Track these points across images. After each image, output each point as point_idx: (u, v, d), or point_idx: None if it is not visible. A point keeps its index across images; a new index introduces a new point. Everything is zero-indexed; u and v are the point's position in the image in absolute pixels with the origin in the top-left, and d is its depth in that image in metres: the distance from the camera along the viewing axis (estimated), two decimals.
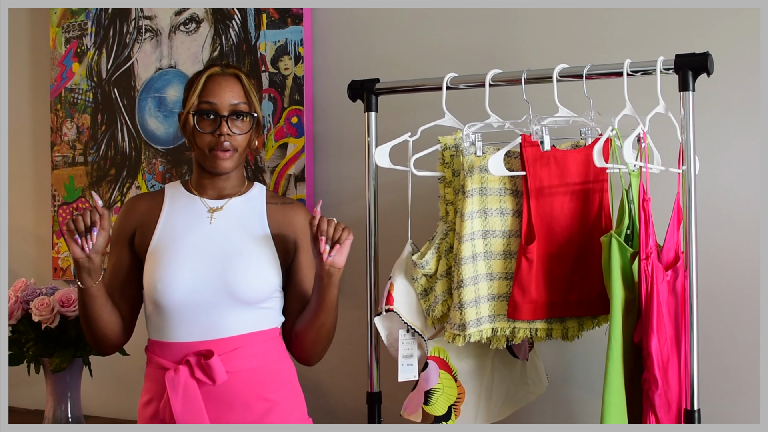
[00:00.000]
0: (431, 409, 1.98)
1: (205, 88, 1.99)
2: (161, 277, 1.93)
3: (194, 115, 1.99)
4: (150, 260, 1.98)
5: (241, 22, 2.76)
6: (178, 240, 1.98)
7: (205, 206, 2.04)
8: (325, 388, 2.45)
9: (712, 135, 2.16)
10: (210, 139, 1.98)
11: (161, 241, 1.99)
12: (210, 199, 2.05)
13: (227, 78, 2.01)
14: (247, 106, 2.01)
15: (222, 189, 2.05)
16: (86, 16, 3.07)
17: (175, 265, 1.94)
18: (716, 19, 2.18)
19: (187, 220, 2.02)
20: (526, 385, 2.18)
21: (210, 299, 1.93)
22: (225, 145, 1.97)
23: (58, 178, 3.12)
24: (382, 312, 2.03)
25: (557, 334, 2.00)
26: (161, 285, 1.93)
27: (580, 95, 1.99)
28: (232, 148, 1.98)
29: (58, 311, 2.49)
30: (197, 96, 1.99)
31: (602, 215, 1.96)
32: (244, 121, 2.00)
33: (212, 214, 2.02)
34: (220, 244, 1.98)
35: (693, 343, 1.81)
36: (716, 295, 2.15)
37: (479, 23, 2.46)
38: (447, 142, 2.03)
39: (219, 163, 1.98)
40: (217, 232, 2.00)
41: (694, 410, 1.82)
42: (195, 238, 1.98)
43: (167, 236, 2.00)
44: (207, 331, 1.93)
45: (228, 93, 1.99)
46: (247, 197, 2.07)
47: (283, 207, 2.08)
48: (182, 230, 2.00)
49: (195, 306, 1.93)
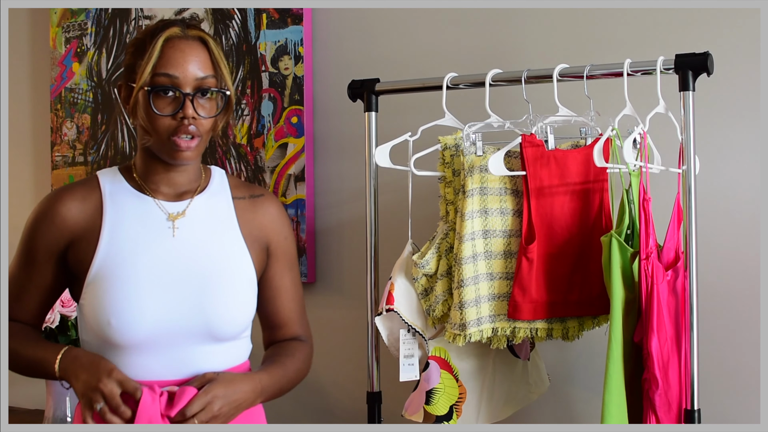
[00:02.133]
0: (433, 409, 1.98)
1: (162, 56, 1.53)
2: (116, 311, 1.53)
3: (149, 92, 1.53)
4: (95, 287, 1.56)
5: (241, 22, 2.76)
6: (133, 259, 1.56)
7: (163, 212, 1.62)
8: (325, 388, 2.45)
9: (712, 135, 2.16)
10: (169, 122, 1.53)
11: (110, 259, 1.57)
12: (166, 200, 1.63)
13: (190, 43, 1.55)
14: (216, 80, 1.57)
15: (179, 185, 1.64)
16: (86, 16, 3.07)
17: (134, 296, 1.54)
18: (716, 19, 2.18)
19: (142, 232, 1.59)
20: (527, 384, 2.18)
21: (179, 337, 1.57)
22: (190, 129, 1.54)
23: (58, 178, 3.12)
24: (382, 312, 2.03)
25: (558, 334, 2.00)
26: (117, 321, 1.52)
27: (580, 95, 1.99)
28: (197, 133, 1.55)
29: (58, 311, 2.49)
30: (152, 66, 1.52)
31: (602, 215, 1.96)
32: (211, 99, 1.58)
33: (173, 223, 1.61)
34: (190, 265, 1.59)
35: (693, 343, 1.81)
36: (716, 295, 2.15)
37: (479, 23, 2.46)
38: (447, 141, 2.03)
39: (180, 154, 1.55)
40: (182, 249, 1.59)
41: (694, 410, 1.82)
42: (155, 256, 1.57)
43: (117, 254, 1.57)
44: (173, 370, 1.58)
45: (193, 63, 1.54)
46: (210, 193, 1.68)
47: (252, 202, 1.71)
48: (137, 245, 1.58)
49: (160, 345, 1.56)
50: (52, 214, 1.61)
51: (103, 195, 1.62)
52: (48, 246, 1.62)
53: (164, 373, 1.58)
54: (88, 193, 1.63)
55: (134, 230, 1.60)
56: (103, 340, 1.57)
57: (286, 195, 2.66)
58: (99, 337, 1.57)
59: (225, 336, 1.62)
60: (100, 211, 1.61)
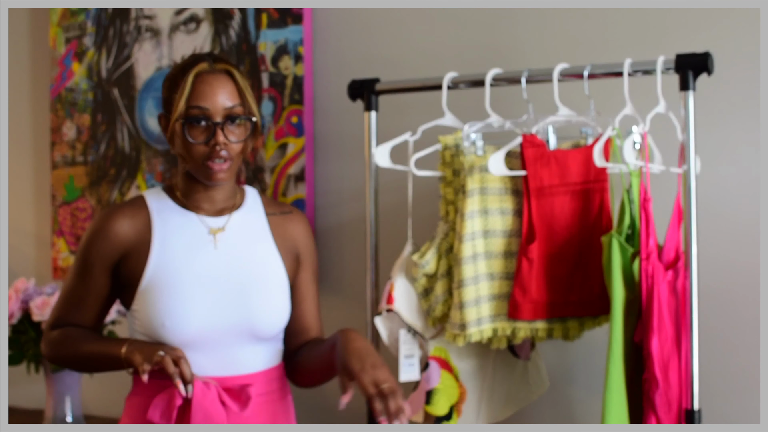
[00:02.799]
0: (433, 409, 1.98)
1: (194, 90, 1.73)
2: (170, 314, 1.72)
3: (183, 123, 1.73)
4: (148, 294, 1.75)
5: (241, 22, 2.76)
6: (181, 269, 1.76)
7: (205, 226, 1.81)
8: (325, 388, 2.43)
9: (713, 135, 2.16)
10: (203, 149, 1.73)
11: (160, 270, 1.76)
12: (207, 215, 1.82)
13: (218, 76, 1.75)
14: (243, 108, 1.76)
15: (218, 201, 1.83)
16: (86, 16, 3.07)
17: (184, 301, 1.73)
18: (716, 19, 2.18)
19: (187, 244, 1.78)
20: (527, 385, 2.18)
21: (224, 337, 1.75)
22: (222, 154, 1.73)
23: (58, 178, 3.12)
24: (382, 312, 2.03)
25: (558, 334, 2.00)
26: (170, 323, 1.72)
27: (580, 95, 1.99)
28: (228, 157, 1.74)
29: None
30: (185, 100, 1.72)
31: (603, 215, 1.96)
32: (240, 126, 1.76)
33: (215, 236, 1.80)
34: (231, 273, 1.78)
35: (693, 343, 1.82)
36: (716, 295, 2.14)
37: (479, 23, 2.45)
38: (447, 141, 2.03)
39: (215, 175, 1.75)
40: (224, 258, 1.79)
41: (694, 410, 1.82)
42: (200, 266, 1.77)
43: (167, 264, 1.77)
44: (218, 367, 1.76)
45: (221, 95, 1.73)
46: (246, 210, 1.86)
47: (283, 218, 1.89)
48: (183, 256, 1.77)
49: (209, 344, 1.75)
50: (106, 231, 1.79)
51: (151, 212, 1.81)
52: (102, 259, 1.79)
53: (213, 370, 1.75)
54: (137, 211, 1.81)
55: (181, 243, 1.78)
56: (156, 341, 1.74)
57: (286, 195, 2.66)
58: (152, 338, 1.74)
59: (265, 335, 1.79)
60: (149, 227, 1.79)
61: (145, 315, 1.75)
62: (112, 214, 1.81)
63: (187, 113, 1.73)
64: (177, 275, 1.75)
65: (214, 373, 1.75)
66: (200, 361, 1.74)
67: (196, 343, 1.73)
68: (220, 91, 1.74)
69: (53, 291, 2.59)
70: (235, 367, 1.77)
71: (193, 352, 1.73)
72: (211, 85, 1.74)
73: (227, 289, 1.76)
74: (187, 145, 1.74)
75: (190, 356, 1.72)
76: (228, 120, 1.74)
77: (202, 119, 1.73)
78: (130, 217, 1.80)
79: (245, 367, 1.78)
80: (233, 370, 1.77)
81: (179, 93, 1.73)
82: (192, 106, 1.73)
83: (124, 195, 2.97)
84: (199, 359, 1.74)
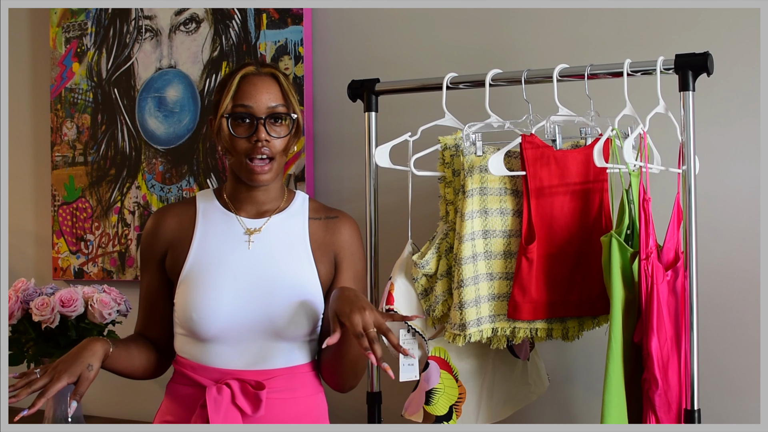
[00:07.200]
0: (432, 409, 1.98)
1: (239, 90, 1.82)
2: (197, 308, 1.80)
3: (228, 120, 1.81)
4: (184, 286, 1.84)
5: (241, 22, 2.76)
6: (213, 265, 1.84)
7: (242, 226, 1.88)
8: (325, 387, 2.43)
9: (712, 135, 2.16)
10: (246, 144, 1.80)
11: (196, 265, 1.86)
12: (248, 217, 1.89)
13: (263, 78, 1.84)
14: (286, 107, 1.83)
15: (261, 203, 1.90)
16: (86, 16, 3.07)
17: (211, 296, 1.81)
18: (716, 19, 2.18)
19: (223, 243, 1.87)
20: (527, 385, 2.18)
21: (248, 332, 1.81)
22: (263, 150, 1.79)
23: (58, 178, 3.12)
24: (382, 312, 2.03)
25: (557, 334, 2.00)
26: (197, 316, 1.80)
27: (580, 95, 1.99)
28: (270, 154, 1.81)
29: (58, 311, 2.48)
30: (231, 98, 1.81)
31: (602, 215, 1.96)
32: (282, 125, 1.83)
33: (250, 237, 1.87)
34: (260, 273, 1.84)
35: (693, 343, 1.82)
36: (716, 295, 2.15)
37: (479, 23, 2.46)
38: (447, 141, 2.03)
39: (256, 177, 1.82)
40: (255, 259, 1.85)
41: (694, 410, 1.82)
42: (232, 264, 1.84)
43: (202, 260, 1.86)
44: (245, 361, 1.82)
45: (265, 94, 1.82)
46: (289, 213, 1.92)
47: (326, 222, 1.93)
48: (218, 254, 1.86)
49: (233, 339, 1.81)
50: (155, 227, 1.93)
51: (197, 212, 1.92)
52: (154, 254, 1.92)
53: (240, 364, 1.82)
54: (186, 210, 1.93)
55: (218, 241, 1.87)
56: (189, 332, 1.83)
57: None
58: (185, 328, 1.84)
59: (288, 336, 1.83)
60: (193, 225, 1.90)
61: (179, 307, 1.84)
62: (161, 212, 1.95)
63: (233, 110, 1.82)
64: (209, 271, 1.84)
65: (241, 367, 1.82)
66: (225, 353, 1.82)
67: (222, 337, 1.81)
68: (264, 91, 1.82)
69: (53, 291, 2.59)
70: (261, 363, 1.83)
71: (218, 344, 1.82)
72: (256, 85, 1.83)
73: (255, 288, 1.82)
74: (231, 139, 1.82)
75: (215, 348, 1.82)
76: (270, 117, 1.82)
77: (246, 116, 1.81)
78: (178, 215, 1.92)
79: (270, 363, 1.83)
80: (260, 365, 1.83)
81: (225, 92, 1.83)
82: (237, 104, 1.81)
83: (124, 195, 2.97)
84: (225, 351, 1.82)
